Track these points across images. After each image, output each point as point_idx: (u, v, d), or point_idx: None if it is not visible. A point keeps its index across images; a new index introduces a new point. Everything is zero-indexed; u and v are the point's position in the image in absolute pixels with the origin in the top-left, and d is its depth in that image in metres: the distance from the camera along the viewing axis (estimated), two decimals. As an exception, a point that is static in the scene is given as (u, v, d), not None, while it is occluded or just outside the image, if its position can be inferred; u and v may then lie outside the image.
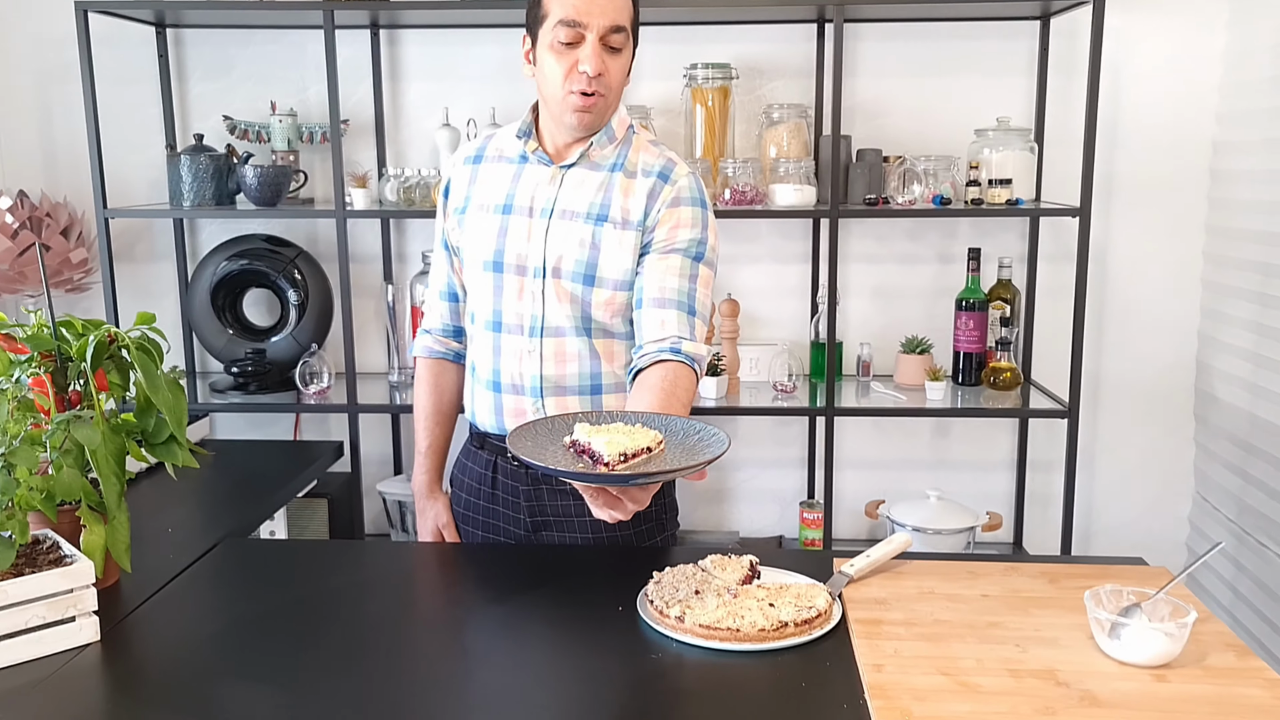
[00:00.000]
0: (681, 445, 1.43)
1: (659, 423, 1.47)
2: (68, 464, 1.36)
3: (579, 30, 1.61)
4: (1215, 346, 2.81)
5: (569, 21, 1.61)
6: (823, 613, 1.39)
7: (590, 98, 1.64)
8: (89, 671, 1.31)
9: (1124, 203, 2.86)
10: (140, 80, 2.87)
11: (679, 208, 1.71)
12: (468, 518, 1.87)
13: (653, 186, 1.71)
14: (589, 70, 1.62)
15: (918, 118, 2.83)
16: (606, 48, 1.63)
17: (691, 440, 1.44)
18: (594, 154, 1.73)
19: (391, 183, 2.68)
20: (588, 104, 1.65)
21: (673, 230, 1.70)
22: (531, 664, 1.34)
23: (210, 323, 2.80)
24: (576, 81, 1.63)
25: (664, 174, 1.72)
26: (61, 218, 2.70)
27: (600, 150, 1.73)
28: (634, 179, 1.72)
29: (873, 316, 2.94)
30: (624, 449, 1.35)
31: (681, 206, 1.71)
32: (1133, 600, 1.34)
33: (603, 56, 1.63)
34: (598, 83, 1.63)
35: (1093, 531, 3.02)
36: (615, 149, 1.74)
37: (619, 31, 1.63)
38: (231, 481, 2.12)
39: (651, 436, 1.40)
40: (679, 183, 1.72)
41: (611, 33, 1.62)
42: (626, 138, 1.76)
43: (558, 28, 1.61)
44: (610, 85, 1.66)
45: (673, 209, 1.70)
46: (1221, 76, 2.77)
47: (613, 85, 1.66)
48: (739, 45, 2.81)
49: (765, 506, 3.06)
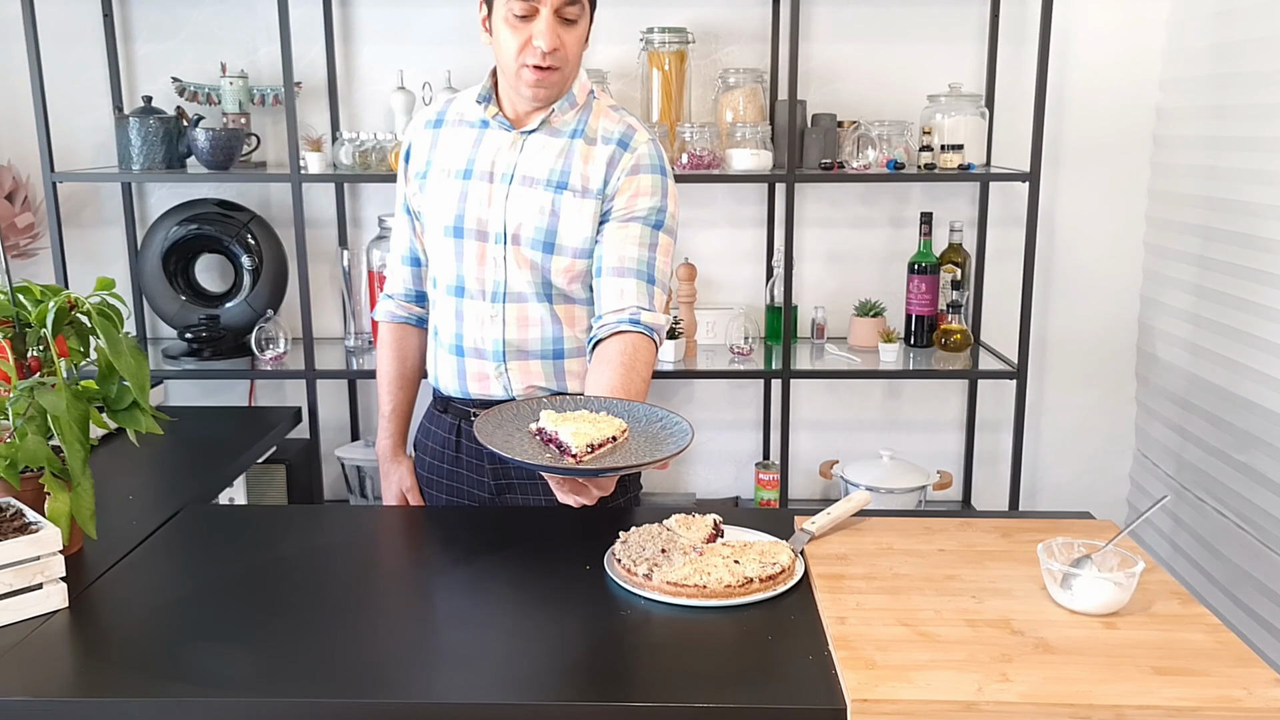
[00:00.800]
0: (645, 433, 1.47)
1: (622, 409, 1.50)
2: (32, 430, 1.35)
3: (532, 4, 1.59)
4: (1156, 308, 2.90)
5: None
6: (786, 568, 1.43)
7: (545, 71, 1.64)
8: (58, 637, 1.31)
9: (1071, 168, 2.92)
10: (84, 39, 2.79)
11: (639, 175, 1.71)
12: (432, 481, 1.88)
13: (612, 154, 1.71)
14: (543, 45, 1.60)
15: (872, 83, 2.86)
16: (561, 20, 1.61)
17: (655, 428, 1.48)
18: (555, 120, 1.72)
19: (346, 146, 2.66)
20: (542, 78, 1.64)
21: (632, 199, 1.71)
22: (501, 622, 1.36)
23: (162, 288, 2.76)
24: (531, 55, 1.62)
25: (624, 141, 1.72)
26: (5, 181, 2.64)
27: (561, 116, 1.72)
28: (594, 146, 1.72)
29: (827, 280, 2.98)
30: (590, 439, 1.38)
31: (641, 174, 1.71)
32: (1083, 552, 1.40)
33: (557, 30, 1.61)
34: (553, 57, 1.62)
35: (1039, 489, 3.12)
36: (576, 114, 1.74)
37: (574, 4, 1.61)
38: (190, 449, 2.11)
39: (616, 425, 1.44)
40: (639, 150, 1.72)
41: (566, 4, 1.60)
42: (587, 103, 1.75)
43: (511, 1, 1.60)
44: (567, 58, 1.65)
45: (632, 177, 1.71)
46: (1165, 43, 2.83)
47: (569, 57, 1.65)
48: (695, 9, 2.81)
49: (721, 468, 3.10)
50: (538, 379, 1.76)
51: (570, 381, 1.78)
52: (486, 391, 1.77)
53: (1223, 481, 2.55)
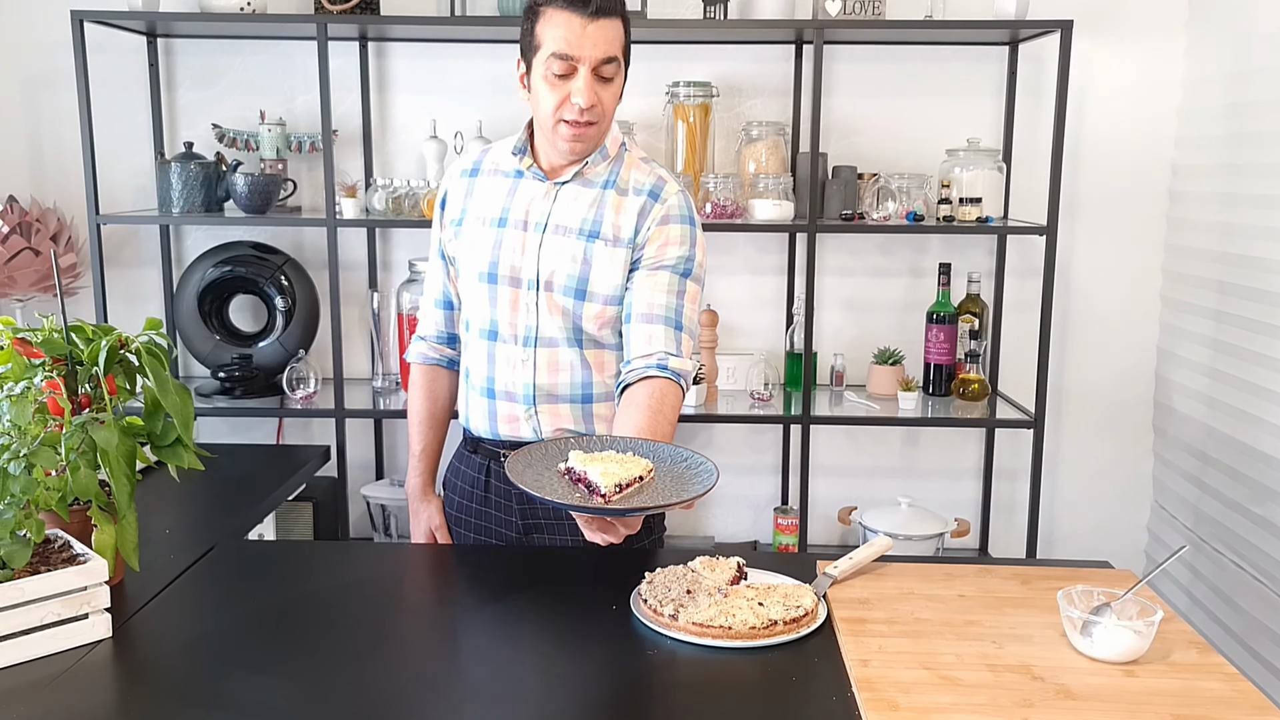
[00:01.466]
0: (670, 473, 1.51)
1: (648, 450, 1.55)
2: (84, 464, 1.40)
3: (572, 63, 1.65)
4: (1173, 361, 2.93)
5: (562, 55, 1.65)
6: (810, 611, 1.46)
7: (583, 127, 1.70)
8: (102, 666, 1.35)
9: (1088, 221, 2.98)
10: (130, 88, 2.89)
11: (668, 225, 1.76)
12: (460, 520, 1.92)
13: (643, 205, 1.76)
14: (581, 103, 1.66)
15: (892, 137, 2.93)
16: (598, 78, 1.68)
17: (680, 468, 1.52)
18: (588, 171, 1.78)
19: (379, 193, 2.73)
20: (579, 133, 1.70)
21: (662, 247, 1.76)
22: (528, 659, 1.39)
23: (197, 328, 2.83)
24: (569, 111, 1.68)
25: (654, 192, 1.78)
26: (51, 223, 2.72)
27: (594, 168, 1.78)
28: (625, 196, 1.77)
29: (846, 328, 3.03)
30: (618, 479, 1.43)
31: (671, 224, 1.76)
32: (1103, 600, 1.42)
33: (594, 87, 1.67)
34: (590, 113, 1.68)
35: (1055, 538, 3.13)
36: (608, 166, 1.79)
37: (610, 62, 1.67)
38: (223, 485, 2.15)
39: (643, 465, 1.48)
40: (669, 201, 1.77)
41: (603, 63, 1.67)
42: (619, 155, 1.81)
43: (551, 60, 1.66)
44: (603, 113, 1.71)
45: (662, 226, 1.76)
46: (1180, 102, 2.90)
47: (605, 113, 1.71)
48: (720, 64, 2.89)
49: (740, 512, 3.13)
50: (567, 422, 1.81)
51: (598, 425, 1.82)
52: (516, 433, 1.82)
53: (1240, 534, 2.56)
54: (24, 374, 1.45)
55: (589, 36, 1.64)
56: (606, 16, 1.65)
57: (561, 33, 1.64)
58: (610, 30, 1.66)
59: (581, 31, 1.64)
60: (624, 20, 1.70)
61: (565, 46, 1.64)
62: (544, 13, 1.67)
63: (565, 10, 1.64)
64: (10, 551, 1.33)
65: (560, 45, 1.64)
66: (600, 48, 1.65)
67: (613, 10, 1.66)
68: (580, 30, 1.64)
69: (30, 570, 1.36)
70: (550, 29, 1.65)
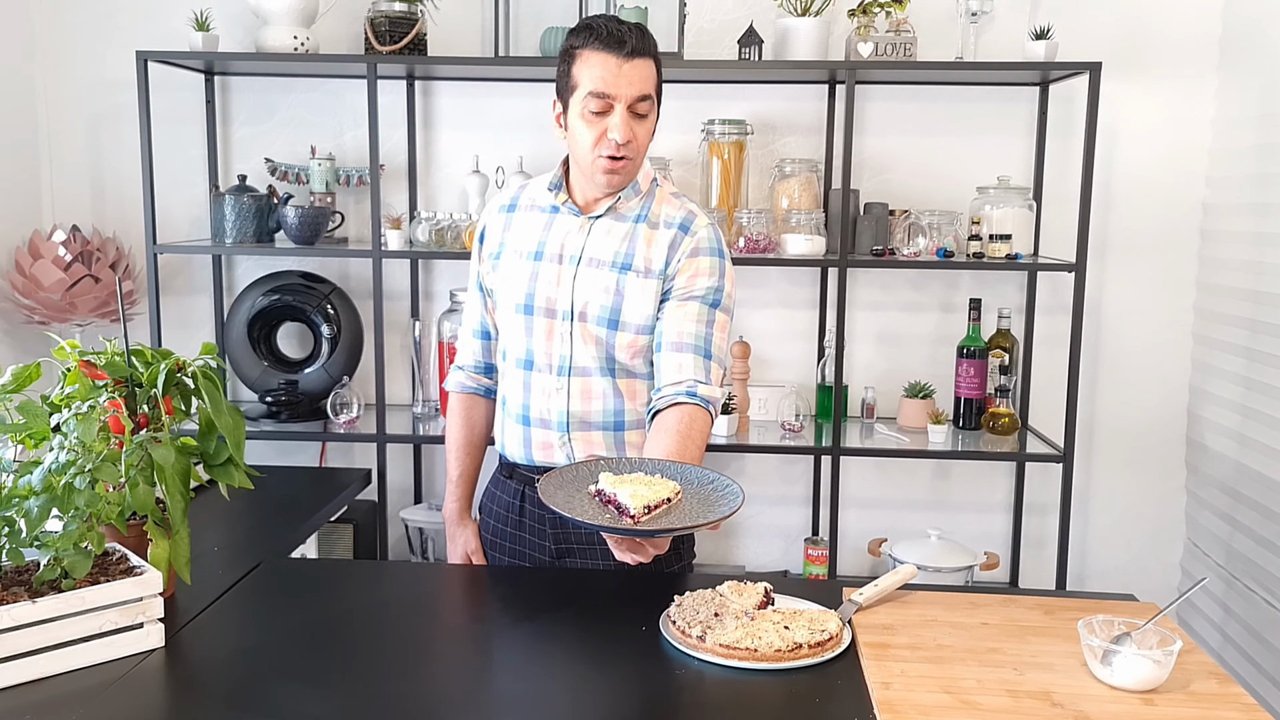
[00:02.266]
0: (698, 495, 1.56)
1: (676, 472, 1.60)
2: (143, 481, 1.48)
3: (608, 101, 1.73)
4: (1205, 398, 2.93)
5: (598, 94, 1.73)
6: (834, 636, 1.49)
7: (619, 161, 1.77)
8: (155, 674, 1.41)
9: (1118, 259, 3.00)
10: (188, 123, 3.01)
11: (698, 257, 1.83)
12: (495, 544, 1.98)
13: (674, 238, 1.83)
14: (618, 139, 1.74)
15: (923, 174, 2.98)
16: (633, 114, 1.76)
17: (707, 490, 1.57)
18: (620, 206, 1.85)
19: (423, 225, 2.82)
20: (616, 167, 1.78)
21: (691, 279, 1.82)
22: (560, 677, 1.44)
23: (246, 354, 2.93)
24: (606, 147, 1.75)
25: (684, 225, 1.84)
26: (110, 252, 2.84)
27: (626, 203, 1.85)
28: (656, 230, 1.84)
29: (877, 361, 3.07)
30: (647, 501, 1.48)
31: (700, 256, 1.83)
32: (1123, 630, 1.45)
33: (630, 124, 1.75)
34: (626, 148, 1.75)
35: (1086, 574, 3.13)
36: (640, 201, 1.86)
37: (644, 100, 1.75)
38: (268, 505, 2.23)
39: (671, 487, 1.54)
40: (699, 234, 1.84)
41: (638, 101, 1.75)
42: (650, 190, 1.88)
43: (588, 99, 1.74)
44: (638, 149, 1.78)
45: (692, 259, 1.82)
46: (1211, 142, 2.92)
47: (640, 148, 1.79)
48: (754, 103, 2.96)
49: (771, 542, 3.16)
50: (599, 449, 1.86)
51: (629, 452, 1.87)
52: (551, 460, 1.87)
53: (1272, 571, 2.56)
54: (90, 394, 1.53)
55: (624, 75, 1.72)
56: (640, 57, 1.73)
57: (598, 72, 1.72)
58: (644, 69, 1.74)
59: (617, 71, 1.72)
60: (656, 61, 1.78)
61: (602, 85, 1.72)
62: (580, 55, 1.75)
63: (601, 51, 1.72)
64: (73, 562, 1.40)
65: (597, 84, 1.72)
66: (635, 86, 1.73)
67: (646, 51, 1.75)
68: (616, 70, 1.72)
69: (90, 580, 1.43)
70: (587, 69, 1.73)
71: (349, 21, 2.95)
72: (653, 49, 1.77)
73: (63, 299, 2.72)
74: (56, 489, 1.41)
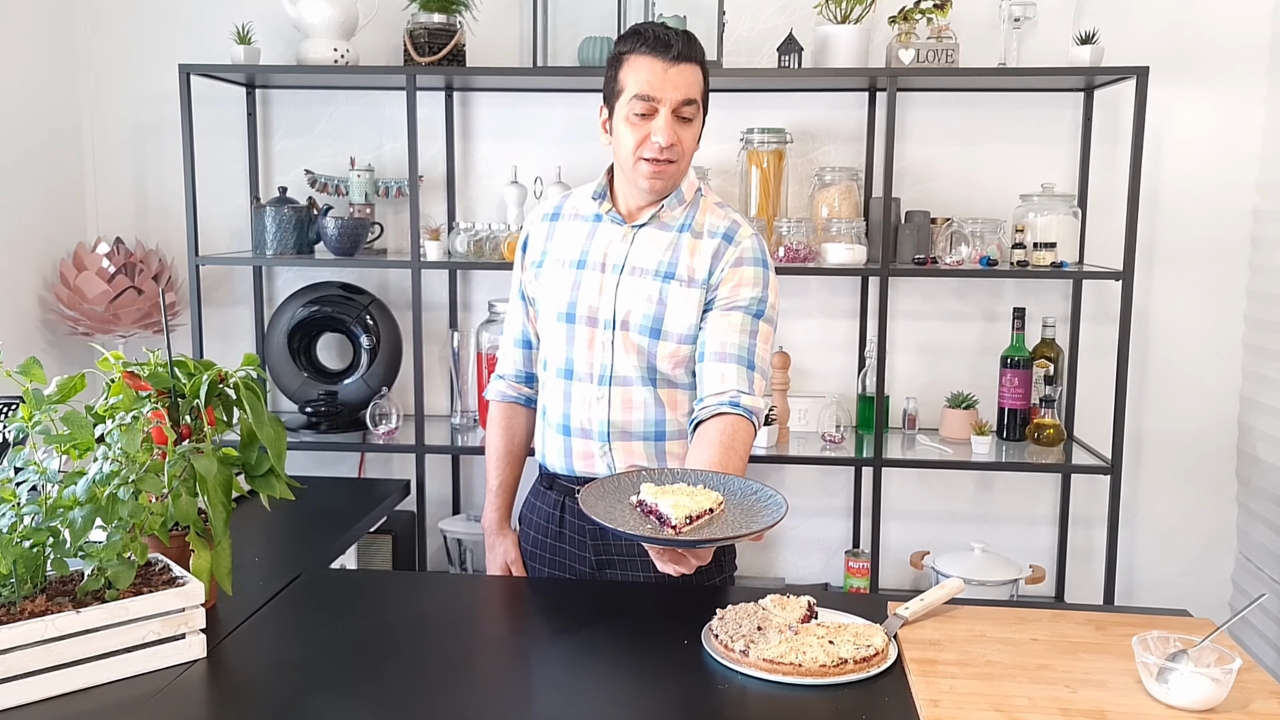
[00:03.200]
0: (740, 505, 1.54)
1: (718, 482, 1.58)
2: (186, 491, 1.48)
3: (653, 104, 1.73)
4: (1257, 409, 2.87)
5: (644, 96, 1.73)
6: (880, 651, 1.47)
7: (662, 165, 1.77)
8: (197, 685, 1.41)
9: (1166, 267, 2.94)
10: (229, 136, 3.05)
11: (742, 267, 1.81)
12: (535, 555, 1.97)
13: (717, 247, 1.82)
14: (661, 141, 1.74)
15: (965, 182, 2.94)
16: (678, 118, 1.75)
17: (750, 500, 1.55)
18: (664, 215, 1.84)
19: (462, 236, 2.83)
20: (659, 170, 1.77)
21: (735, 288, 1.80)
22: (601, 691, 1.42)
23: (286, 365, 2.95)
24: (649, 150, 1.75)
25: (728, 235, 1.83)
26: (153, 264, 2.87)
27: (670, 212, 1.84)
28: (700, 239, 1.83)
29: (919, 372, 3.03)
30: (689, 511, 1.46)
31: (744, 266, 1.81)
32: (1179, 647, 1.41)
33: (674, 127, 1.75)
34: (669, 151, 1.75)
35: (1135, 588, 3.06)
36: (684, 211, 1.85)
37: (690, 104, 1.75)
38: (308, 516, 2.23)
39: (713, 498, 1.52)
40: (743, 244, 1.83)
41: (683, 105, 1.75)
42: (694, 200, 1.87)
43: (633, 101, 1.74)
44: (682, 153, 1.78)
45: (736, 268, 1.81)
46: (1261, 148, 2.86)
47: (684, 152, 1.78)
48: (793, 111, 2.94)
49: (811, 554, 3.13)
50: (640, 459, 1.85)
51: (671, 462, 1.86)
52: (591, 470, 1.86)
53: (1329, 587, 2.49)
54: (133, 405, 1.54)
55: (670, 79, 1.73)
56: (686, 62, 1.74)
57: (645, 75, 1.73)
58: (690, 75, 1.75)
59: (663, 75, 1.73)
60: (703, 68, 1.78)
61: (647, 88, 1.73)
62: (627, 60, 1.76)
63: (648, 56, 1.73)
64: (117, 573, 1.41)
65: (643, 87, 1.73)
66: (680, 90, 1.74)
67: (692, 57, 1.75)
68: (662, 74, 1.73)
69: (133, 591, 1.44)
70: (633, 73, 1.74)
71: (388, 34, 2.97)
72: (699, 55, 1.78)
73: (106, 310, 2.75)
74: (100, 500, 1.41)
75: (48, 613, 1.36)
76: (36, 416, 1.46)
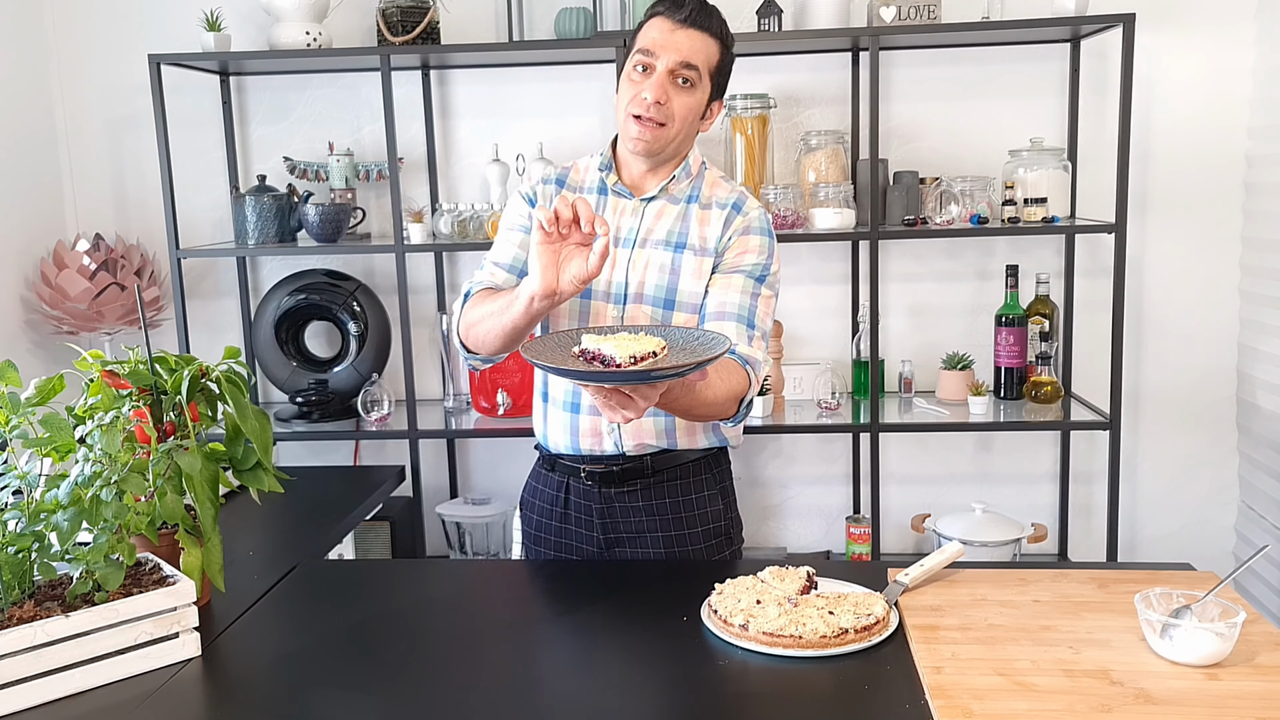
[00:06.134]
0: (684, 350, 1.53)
1: (661, 331, 1.58)
2: (171, 490, 1.46)
3: (651, 60, 1.72)
4: (1255, 356, 2.85)
5: (644, 50, 1.73)
6: (881, 619, 1.45)
7: (648, 123, 1.73)
8: (192, 684, 1.40)
9: (1158, 217, 2.91)
10: (205, 125, 3.00)
11: (749, 235, 1.81)
12: (540, 539, 1.94)
13: (727, 216, 1.81)
14: (649, 97, 1.71)
15: (952, 140, 2.90)
16: (674, 82, 1.73)
17: (693, 344, 1.54)
18: (672, 188, 1.83)
19: (445, 217, 2.79)
20: (644, 129, 1.73)
21: (740, 255, 1.79)
22: (603, 669, 1.41)
23: (274, 355, 2.92)
24: (638, 105, 1.73)
25: (737, 205, 1.83)
26: (135, 259, 2.84)
27: (678, 184, 1.83)
28: (709, 210, 1.82)
29: (912, 334, 3.00)
30: (632, 351, 1.44)
31: (751, 235, 1.81)
32: (1182, 602, 1.39)
33: (667, 87, 1.72)
34: (657, 110, 1.72)
35: (1138, 542, 3.06)
36: (690, 183, 1.85)
37: (690, 69, 1.73)
38: (302, 507, 2.21)
39: (656, 342, 1.49)
40: (750, 214, 1.82)
41: (682, 67, 1.72)
42: (700, 173, 1.87)
43: (634, 55, 1.74)
44: (671, 115, 1.74)
45: (743, 236, 1.80)
46: (1252, 92, 2.82)
47: (674, 116, 1.74)
48: (776, 75, 2.90)
49: (811, 522, 3.12)
50: (648, 437, 1.82)
51: (681, 438, 1.84)
52: (599, 448, 1.83)
53: (1332, 533, 2.48)
54: (113, 404, 1.51)
55: (673, 40, 1.72)
56: (695, 28, 1.73)
57: (652, 34, 1.74)
58: (697, 41, 1.73)
59: (669, 34, 1.73)
60: (719, 41, 1.77)
61: (649, 44, 1.73)
62: (647, 22, 1.77)
63: (660, 16, 1.75)
64: (105, 574, 1.39)
65: (645, 43, 1.73)
66: (681, 52, 1.72)
67: (704, 26, 1.74)
68: (668, 33, 1.73)
69: (123, 592, 1.42)
70: (645, 32, 1.76)
71: (360, 15, 2.92)
72: (716, 29, 1.76)
73: (90, 308, 2.72)
74: (84, 502, 1.39)
75: (36, 618, 1.34)
76: (14, 420, 1.44)
